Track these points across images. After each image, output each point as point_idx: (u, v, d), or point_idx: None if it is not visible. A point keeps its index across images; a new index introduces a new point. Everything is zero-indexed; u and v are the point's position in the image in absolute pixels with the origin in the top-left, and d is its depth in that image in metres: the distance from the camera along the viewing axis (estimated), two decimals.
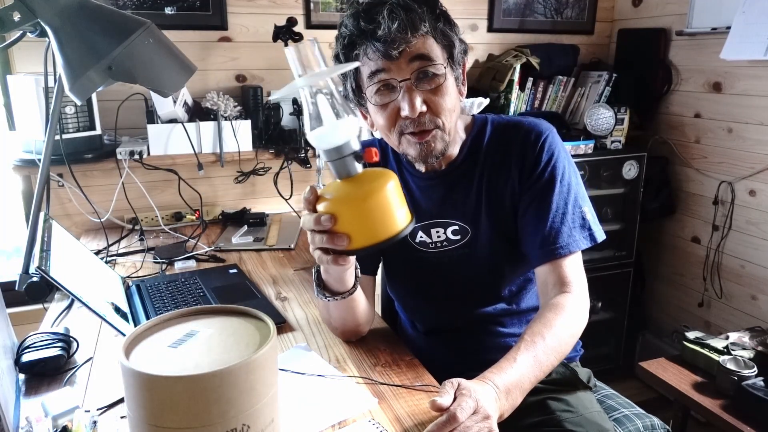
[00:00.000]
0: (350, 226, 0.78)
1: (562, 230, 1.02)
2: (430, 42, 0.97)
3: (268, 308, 1.28)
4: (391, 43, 0.93)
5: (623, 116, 2.31)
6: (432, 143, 1.01)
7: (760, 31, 1.98)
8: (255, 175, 2.09)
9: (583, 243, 1.03)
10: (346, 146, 0.75)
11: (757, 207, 2.15)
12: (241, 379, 0.63)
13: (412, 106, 0.96)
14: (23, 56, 1.83)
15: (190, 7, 1.97)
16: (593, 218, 1.06)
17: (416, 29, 0.94)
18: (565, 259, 1.01)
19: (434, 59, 0.97)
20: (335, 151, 0.75)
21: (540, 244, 1.02)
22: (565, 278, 1.01)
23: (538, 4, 2.47)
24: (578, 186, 1.06)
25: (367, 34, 0.95)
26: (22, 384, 0.99)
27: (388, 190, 0.76)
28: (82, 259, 1.33)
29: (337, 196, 0.78)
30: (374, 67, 0.97)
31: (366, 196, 0.76)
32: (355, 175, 0.77)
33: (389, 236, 0.76)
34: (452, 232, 1.11)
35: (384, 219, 0.76)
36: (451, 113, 1.01)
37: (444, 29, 0.99)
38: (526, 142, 1.06)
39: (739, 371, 1.58)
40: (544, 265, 1.03)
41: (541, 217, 1.03)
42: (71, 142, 1.72)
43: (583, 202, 1.06)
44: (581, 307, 1.00)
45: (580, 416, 1.04)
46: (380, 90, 0.99)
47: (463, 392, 0.81)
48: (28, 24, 0.97)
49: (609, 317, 2.52)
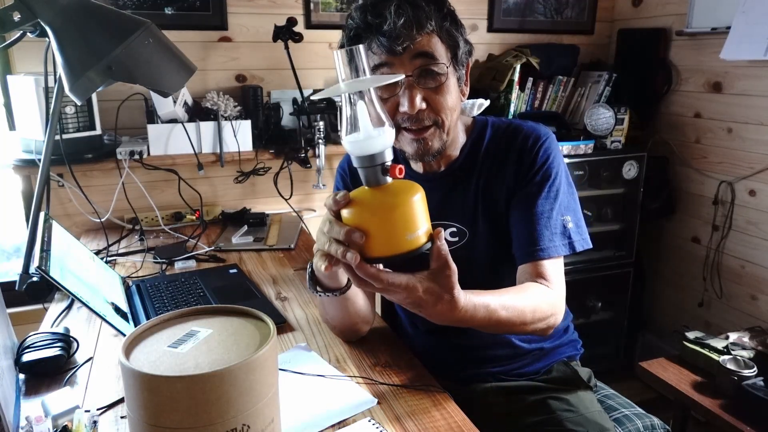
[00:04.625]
0: (374, 235, 0.75)
1: (544, 234, 1.02)
2: (435, 40, 0.97)
3: (268, 308, 1.28)
4: (396, 39, 0.93)
5: (623, 116, 2.31)
6: (429, 141, 1.01)
7: (760, 31, 1.98)
8: (255, 175, 2.09)
9: (562, 250, 1.03)
10: (379, 156, 0.74)
11: (757, 207, 2.15)
12: (241, 379, 0.63)
13: (411, 103, 0.96)
14: (23, 56, 1.83)
15: (190, 7, 1.97)
16: (577, 228, 1.06)
17: (422, 27, 0.95)
18: (544, 261, 1.02)
19: (437, 58, 0.97)
20: (368, 158, 0.74)
21: (523, 244, 1.03)
22: (544, 275, 1.01)
23: (538, 4, 2.47)
24: (566, 195, 1.06)
25: (373, 28, 0.95)
26: (22, 384, 0.99)
27: (415, 201, 0.75)
28: (83, 259, 1.33)
29: (365, 202, 0.77)
30: (377, 61, 0.97)
31: (395, 206, 0.74)
32: (385, 185, 0.76)
33: (411, 249, 0.75)
34: (450, 233, 1.12)
35: (407, 230, 0.75)
36: (450, 112, 1.01)
37: (450, 29, 1.00)
38: (524, 146, 1.06)
39: (739, 371, 1.58)
40: (524, 265, 1.04)
41: (526, 218, 1.04)
42: (71, 142, 1.72)
43: (566, 211, 1.06)
44: (555, 298, 0.99)
45: (580, 416, 1.03)
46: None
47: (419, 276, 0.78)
48: (28, 24, 0.97)
49: (609, 317, 2.52)
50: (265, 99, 2.08)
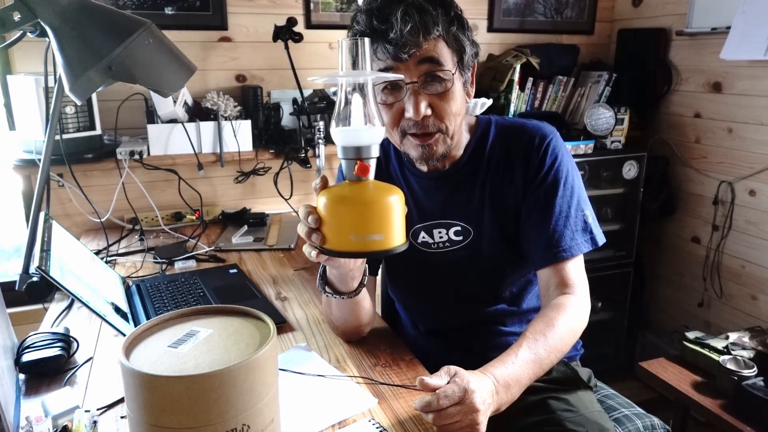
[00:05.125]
0: (327, 227, 0.77)
1: (565, 234, 1.02)
2: (441, 45, 0.96)
3: (268, 308, 1.28)
4: (402, 47, 0.93)
5: (623, 116, 2.31)
6: (434, 146, 1.01)
7: (760, 31, 1.98)
8: (255, 175, 2.09)
9: (584, 246, 1.04)
10: (364, 150, 0.74)
11: (757, 207, 2.15)
12: (241, 379, 0.63)
13: (416, 109, 0.96)
14: (23, 56, 1.83)
15: (190, 7, 1.97)
16: (594, 222, 1.07)
17: (428, 32, 0.94)
18: (567, 262, 1.02)
19: (443, 63, 0.96)
20: (354, 150, 0.75)
21: (543, 247, 1.03)
22: (567, 280, 1.01)
23: (538, 4, 2.47)
24: (581, 190, 1.07)
25: (379, 34, 0.94)
26: (22, 384, 0.99)
27: (391, 202, 0.75)
28: (83, 259, 1.33)
29: (330, 194, 0.77)
30: (383, 66, 0.96)
31: (371, 202, 0.74)
32: (362, 182, 0.76)
33: (358, 250, 0.76)
34: (455, 233, 1.11)
35: (354, 231, 0.75)
36: (455, 117, 1.01)
37: (456, 33, 0.98)
38: (530, 146, 1.06)
39: (739, 371, 1.58)
40: (546, 268, 1.03)
41: (544, 220, 1.03)
42: (71, 142, 1.72)
43: (585, 206, 1.06)
44: (583, 308, 1.01)
45: (580, 416, 1.04)
46: (387, 89, 0.99)
47: (455, 379, 0.81)
48: (28, 24, 0.97)
49: (609, 317, 2.52)
50: (265, 99, 2.08)
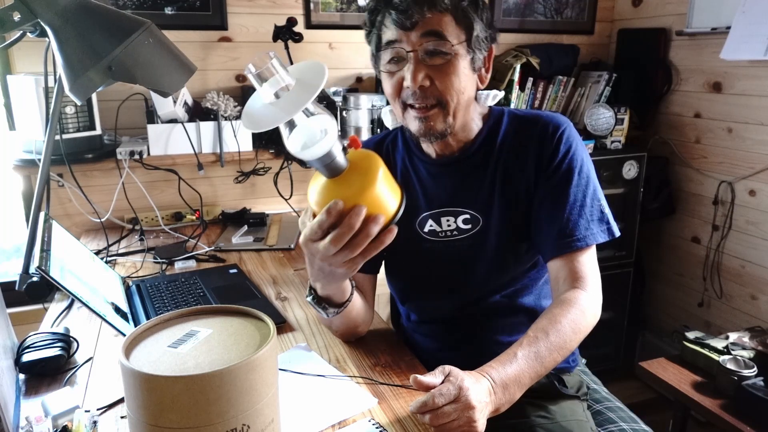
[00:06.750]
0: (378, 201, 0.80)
1: (580, 222, 1.00)
2: (447, 19, 0.97)
3: (268, 308, 1.28)
4: (405, 12, 0.95)
5: (623, 116, 2.31)
6: (432, 121, 1.01)
7: (760, 31, 1.98)
8: (255, 175, 2.09)
9: (600, 236, 1.01)
10: (326, 156, 0.75)
11: (757, 207, 2.15)
12: (241, 379, 0.63)
13: (414, 78, 0.97)
14: (23, 56, 1.83)
15: (190, 7, 1.97)
16: (610, 213, 1.04)
17: (434, 5, 0.95)
18: (579, 253, 1.00)
19: (446, 37, 0.96)
20: (321, 158, 0.75)
21: (555, 236, 1.00)
22: (578, 273, 0.99)
23: (538, 4, 2.47)
24: (596, 180, 1.05)
25: (387, 2, 0.97)
26: (22, 384, 0.99)
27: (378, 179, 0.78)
28: (82, 259, 1.33)
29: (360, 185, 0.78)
30: (390, 37, 0.99)
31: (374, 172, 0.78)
32: (343, 173, 0.78)
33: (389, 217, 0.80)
34: (463, 221, 1.09)
35: (393, 188, 0.81)
36: (457, 94, 0.99)
37: (467, 9, 0.98)
38: (544, 135, 1.04)
39: (739, 371, 1.58)
40: (557, 259, 1.01)
41: (558, 208, 1.01)
42: (71, 142, 1.72)
43: (600, 196, 1.04)
44: (592, 305, 0.98)
45: (555, 423, 1.03)
46: (392, 59, 1.01)
47: (450, 378, 0.81)
48: (28, 24, 0.97)
49: (609, 317, 2.52)
50: None
